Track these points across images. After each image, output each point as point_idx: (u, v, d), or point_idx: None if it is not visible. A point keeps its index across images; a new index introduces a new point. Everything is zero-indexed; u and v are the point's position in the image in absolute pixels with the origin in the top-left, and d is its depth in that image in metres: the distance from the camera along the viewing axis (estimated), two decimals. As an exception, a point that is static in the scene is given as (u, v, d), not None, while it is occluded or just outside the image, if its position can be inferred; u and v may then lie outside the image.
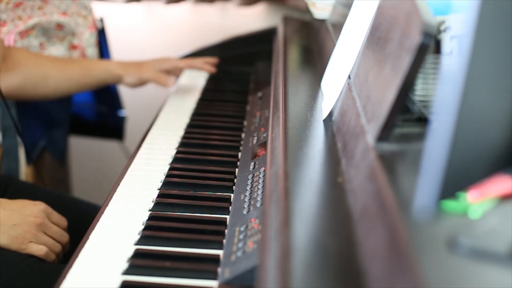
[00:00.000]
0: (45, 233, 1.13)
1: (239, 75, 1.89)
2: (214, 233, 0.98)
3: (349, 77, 1.07)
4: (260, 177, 1.08)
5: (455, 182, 0.61)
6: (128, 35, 2.46)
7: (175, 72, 1.69)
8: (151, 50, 2.44)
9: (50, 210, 1.17)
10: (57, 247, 1.14)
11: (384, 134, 0.82)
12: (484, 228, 0.64)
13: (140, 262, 0.91)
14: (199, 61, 1.72)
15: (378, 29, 0.98)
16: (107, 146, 2.28)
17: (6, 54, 1.48)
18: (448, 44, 0.89)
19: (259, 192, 1.02)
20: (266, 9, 2.40)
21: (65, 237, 1.16)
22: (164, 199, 1.09)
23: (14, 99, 1.56)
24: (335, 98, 1.09)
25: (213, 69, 1.73)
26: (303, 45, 1.73)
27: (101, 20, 1.87)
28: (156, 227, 1.00)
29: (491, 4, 0.58)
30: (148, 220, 1.02)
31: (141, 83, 1.61)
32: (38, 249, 1.10)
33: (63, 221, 1.18)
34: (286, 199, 0.83)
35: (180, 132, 1.43)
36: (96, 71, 1.58)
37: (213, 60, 1.76)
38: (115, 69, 1.59)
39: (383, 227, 0.68)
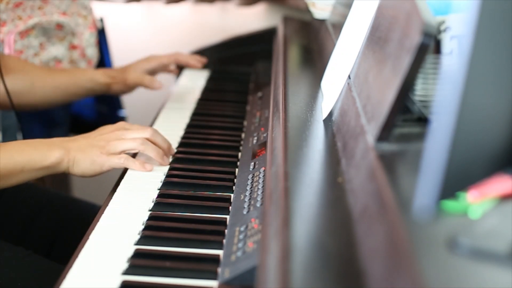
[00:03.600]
0: (123, 139, 1.15)
1: (239, 75, 1.89)
2: (214, 233, 0.98)
3: (349, 77, 1.07)
4: (260, 177, 1.08)
5: (455, 182, 0.61)
6: (128, 35, 2.46)
7: (163, 69, 1.67)
8: (151, 50, 2.44)
9: (128, 125, 1.19)
10: (137, 143, 1.15)
11: (384, 134, 0.82)
12: (484, 228, 0.64)
13: (140, 262, 0.91)
14: (185, 55, 1.69)
15: (378, 29, 0.98)
16: (107, 146, 2.27)
17: None
18: (448, 44, 0.89)
19: (259, 192, 1.02)
20: (266, 9, 2.40)
21: (146, 130, 1.18)
22: (164, 199, 1.09)
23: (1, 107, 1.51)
24: (335, 98, 1.09)
25: (199, 65, 1.70)
26: (303, 45, 1.73)
27: (101, 20, 1.87)
28: (156, 227, 1.00)
29: (491, 4, 0.58)
30: (148, 220, 1.02)
31: (128, 89, 1.58)
32: (118, 161, 1.14)
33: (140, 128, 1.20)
34: (286, 199, 0.83)
35: (180, 132, 1.43)
36: (82, 80, 1.54)
37: (201, 58, 1.73)
38: (101, 78, 1.55)
39: (383, 227, 0.68)
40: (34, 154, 1.11)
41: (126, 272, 0.88)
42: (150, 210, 1.06)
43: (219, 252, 0.93)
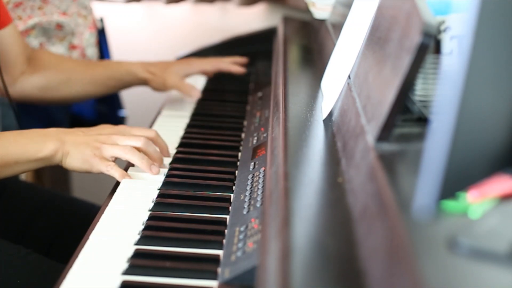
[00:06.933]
0: (115, 145, 1.14)
1: (239, 75, 1.89)
2: (214, 233, 0.98)
3: (349, 77, 1.07)
4: (260, 177, 1.08)
5: (455, 182, 0.61)
6: (128, 35, 2.46)
7: (207, 74, 1.66)
8: (151, 50, 2.45)
9: (128, 128, 1.19)
10: (124, 152, 1.13)
11: (384, 134, 0.82)
12: (484, 228, 0.64)
13: (140, 262, 0.91)
14: (226, 61, 1.66)
15: (378, 29, 0.98)
16: (107, 146, 2.27)
17: (32, 56, 1.47)
18: (448, 44, 0.89)
19: (259, 192, 1.02)
20: (266, 9, 2.40)
21: (139, 139, 1.16)
22: (164, 199, 1.09)
23: (37, 102, 1.53)
24: (335, 98, 1.09)
25: (242, 69, 1.66)
26: (303, 45, 1.73)
27: (101, 20, 1.87)
28: (156, 227, 1.00)
29: (491, 4, 0.58)
30: (148, 220, 1.02)
31: (165, 89, 1.58)
32: (104, 169, 1.12)
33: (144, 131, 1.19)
34: (286, 199, 0.83)
35: (180, 132, 1.43)
36: (119, 73, 1.55)
37: (241, 59, 1.69)
38: (140, 72, 1.55)
39: (383, 227, 0.68)
40: (29, 145, 1.11)
41: (126, 272, 0.88)
42: (150, 210, 1.06)
43: (219, 252, 0.93)
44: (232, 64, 1.66)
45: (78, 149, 1.12)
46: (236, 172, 1.20)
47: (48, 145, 1.11)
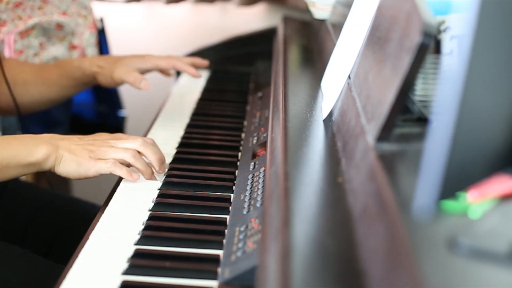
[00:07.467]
0: (115, 147, 1.11)
1: (239, 75, 1.89)
2: (214, 233, 0.98)
3: (349, 77, 1.07)
4: (260, 177, 1.08)
5: (455, 182, 0.61)
6: (128, 35, 2.46)
7: (164, 72, 1.56)
8: (151, 50, 2.44)
9: (124, 136, 1.16)
10: (128, 154, 1.11)
11: (384, 134, 0.82)
12: (484, 228, 0.64)
13: (140, 262, 0.91)
14: (184, 61, 1.54)
15: (378, 29, 0.98)
16: (107, 146, 2.27)
17: None
18: (448, 44, 0.89)
19: (259, 192, 1.02)
20: (266, 9, 2.40)
21: (137, 140, 1.13)
22: (164, 199, 1.09)
23: None
24: (335, 98, 1.09)
25: (197, 74, 1.53)
26: (303, 45, 1.73)
27: (101, 20, 1.87)
28: (156, 227, 1.00)
29: (491, 4, 0.58)
30: (148, 220, 1.02)
31: (114, 83, 1.46)
32: (105, 166, 1.09)
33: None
34: (286, 199, 0.83)
35: (180, 132, 1.43)
36: (71, 70, 1.46)
37: (201, 61, 1.58)
38: (87, 67, 1.45)
39: (383, 227, 0.68)
40: (21, 149, 1.08)
41: (126, 272, 0.88)
42: (150, 210, 1.06)
43: (219, 252, 0.93)
44: (188, 66, 1.53)
45: (73, 153, 1.09)
46: (236, 172, 1.20)
47: (40, 149, 1.08)
